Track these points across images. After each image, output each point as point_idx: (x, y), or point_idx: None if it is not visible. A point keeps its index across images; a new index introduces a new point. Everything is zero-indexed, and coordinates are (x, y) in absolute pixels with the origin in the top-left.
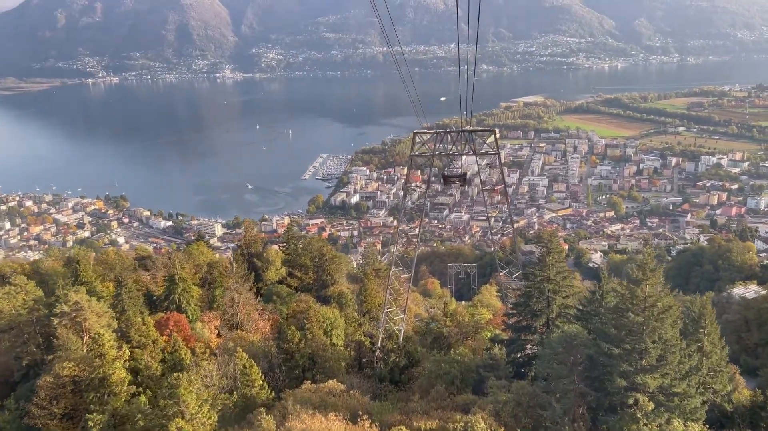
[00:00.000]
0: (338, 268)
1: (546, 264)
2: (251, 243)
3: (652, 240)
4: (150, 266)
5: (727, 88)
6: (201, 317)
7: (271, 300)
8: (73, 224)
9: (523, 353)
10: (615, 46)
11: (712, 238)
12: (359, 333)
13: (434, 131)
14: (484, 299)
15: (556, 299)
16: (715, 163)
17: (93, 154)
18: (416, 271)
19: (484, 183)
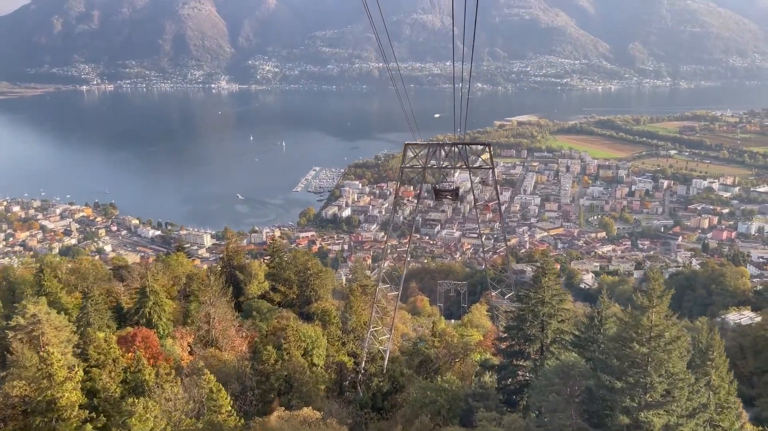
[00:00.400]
0: (323, 283)
1: (541, 285)
2: (234, 255)
3: (644, 262)
4: (125, 276)
5: (719, 113)
6: (173, 333)
7: (251, 315)
8: (60, 231)
9: (515, 380)
10: (609, 69)
11: (706, 262)
12: (343, 352)
13: (426, 143)
14: (474, 318)
15: (552, 323)
16: (706, 186)
17: (84, 161)
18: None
19: (477, 199)
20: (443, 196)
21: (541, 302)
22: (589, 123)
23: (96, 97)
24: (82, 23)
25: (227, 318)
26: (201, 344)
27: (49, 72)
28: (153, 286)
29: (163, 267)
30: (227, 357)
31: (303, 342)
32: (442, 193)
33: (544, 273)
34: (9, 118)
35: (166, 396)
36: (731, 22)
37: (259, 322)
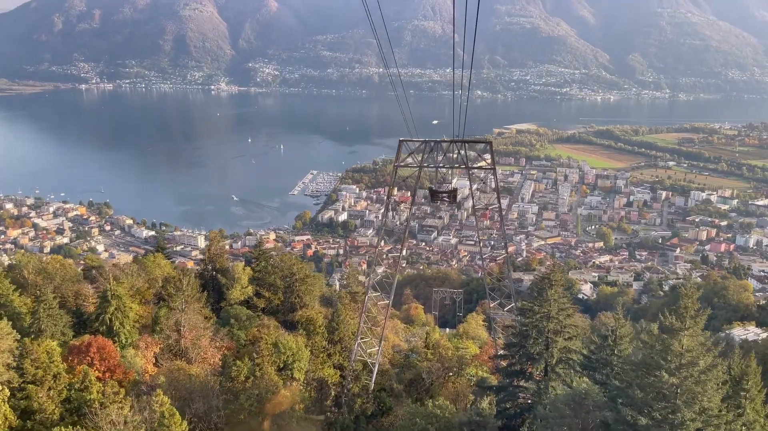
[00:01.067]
0: (309, 290)
1: (546, 298)
2: (216, 258)
3: (643, 273)
4: (96, 278)
5: (718, 125)
6: (137, 342)
7: (228, 323)
8: (52, 229)
9: (516, 403)
10: (608, 79)
11: (708, 275)
12: (328, 365)
13: (423, 140)
14: (470, 329)
15: (557, 341)
16: (704, 198)
17: (81, 159)
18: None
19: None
20: (440, 198)
21: (547, 317)
22: (588, 132)
23: (95, 96)
24: (83, 22)
25: (199, 327)
26: (169, 355)
27: (48, 70)
28: (115, 290)
29: (138, 268)
30: (195, 370)
31: (282, 355)
32: (438, 194)
33: (550, 285)
34: (7, 115)
35: (111, 419)
36: (731, 35)
37: (237, 331)
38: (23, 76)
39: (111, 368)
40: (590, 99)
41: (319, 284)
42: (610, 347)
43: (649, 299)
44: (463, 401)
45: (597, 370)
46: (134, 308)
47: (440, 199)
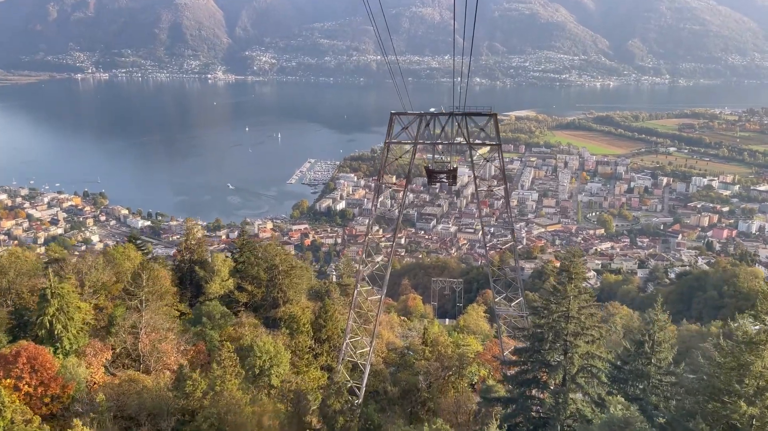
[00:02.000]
0: (294, 283)
1: (565, 294)
2: (194, 248)
3: (647, 260)
4: (58, 272)
5: (718, 111)
6: (84, 348)
7: (200, 322)
8: (46, 220)
9: (528, 417)
10: (608, 65)
11: (717, 262)
12: (315, 367)
13: (417, 113)
14: (471, 320)
15: (579, 346)
16: (706, 184)
17: (77, 149)
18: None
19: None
20: (438, 179)
21: (565, 317)
22: (588, 119)
23: (91, 86)
24: (78, 11)
25: (161, 328)
26: (127, 361)
27: (44, 60)
28: (57, 287)
29: (104, 261)
30: (150, 382)
31: (258, 359)
32: (436, 174)
33: (570, 278)
34: (2, 105)
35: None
36: (731, 20)
37: (210, 331)
38: (19, 66)
39: (45, 382)
40: (589, 85)
41: (307, 276)
42: (647, 355)
43: (655, 287)
44: (465, 414)
45: (629, 382)
46: (83, 307)
47: (438, 180)
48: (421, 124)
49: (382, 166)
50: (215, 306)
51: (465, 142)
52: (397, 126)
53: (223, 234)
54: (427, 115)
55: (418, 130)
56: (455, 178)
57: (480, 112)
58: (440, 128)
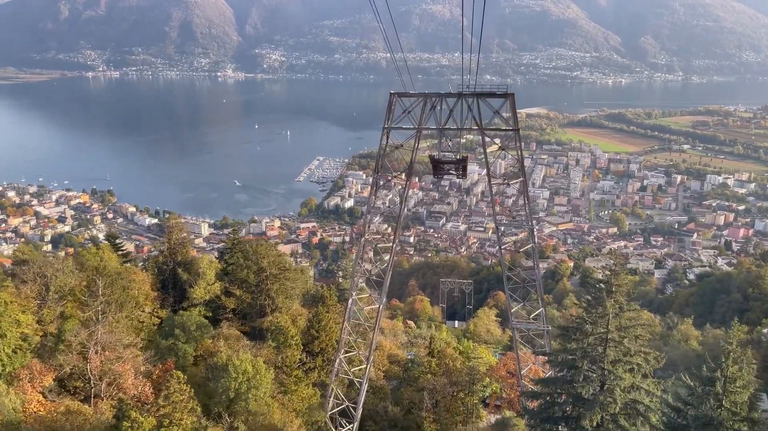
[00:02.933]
0: (284, 289)
1: (603, 311)
2: (178, 248)
3: (664, 260)
4: (18, 275)
5: (733, 108)
6: (19, 371)
7: (172, 335)
8: (54, 217)
9: None
10: (620, 62)
11: (740, 262)
12: (306, 383)
13: (422, 94)
14: (482, 325)
15: (622, 377)
16: (721, 182)
17: (87, 147)
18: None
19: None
20: (445, 171)
21: (602, 341)
22: (600, 116)
23: (102, 84)
24: (89, 9)
25: (118, 344)
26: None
27: (55, 58)
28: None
29: (74, 263)
30: (90, 414)
31: (234, 381)
32: (443, 165)
33: (610, 290)
34: (14, 103)
35: None
36: (745, 16)
37: (183, 345)
38: (30, 65)
39: None
40: (601, 82)
41: (303, 279)
42: (717, 396)
43: (674, 289)
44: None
45: None
46: (23, 321)
47: (445, 172)
48: (426, 106)
49: (380, 156)
50: (190, 315)
51: (476, 128)
52: (398, 109)
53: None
54: (432, 96)
55: (423, 113)
56: (465, 170)
57: (494, 92)
58: (448, 112)
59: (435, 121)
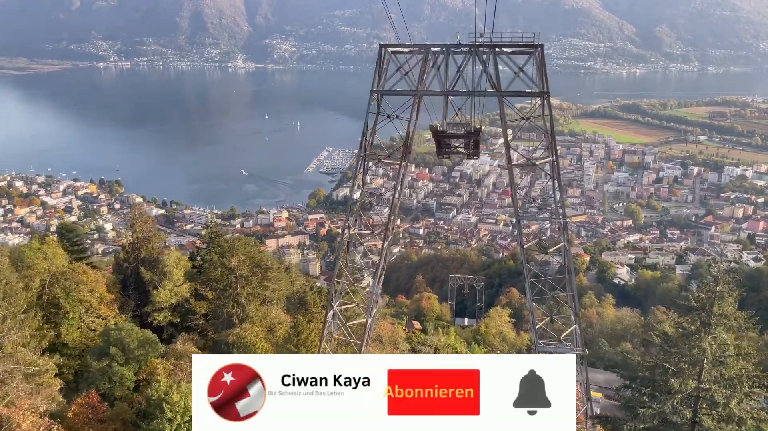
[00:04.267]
0: (257, 293)
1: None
2: (142, 243)
3: (686, 255)
4: None
5: (750, 98)
6: None
7: (106, 355)
8: (60, 207)
9: None
10: (634, 52)
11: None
12: None
13: (420, 45)
14: (493, 325)
15: None
16: (739, 174)
17: (97, 138)
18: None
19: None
20: (451, 148)
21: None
22: (614, 107)
23: (113, 74)
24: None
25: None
26: None
27: (66, 48)
28: None
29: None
30: None
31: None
32: (448, 139)
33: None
34: (25, 93)
35: None
36: (762, 5)
37: (120, 368)
38: (42, 55)
39: None
40: (615, 73)
41: (287, 280)
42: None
43: None
44: None
45: None
46: None
47: (452, 149)
48: (427, 63)
49: (368, 131)
50: (131, 329)
51: (493, 92)
52: (392, 68)
53: (237, 224)
54: (435, 50)
55: (423, 73)
56: (477, 146)
57: (517, 43)
58: (456, 71)
59: (439, 83)
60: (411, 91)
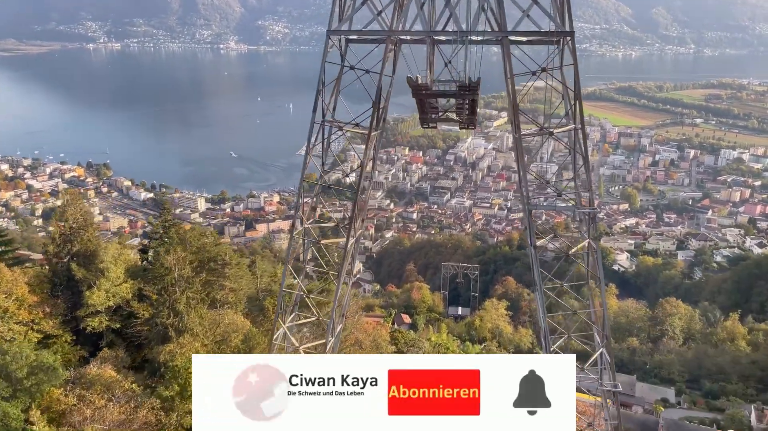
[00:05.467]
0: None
1: None
2: (75, 234)
3: (687, 240)
4: None
5: (746, 81)
6: None
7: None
8: (46, 191)
9: None
10: (630, 35)
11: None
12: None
13: None
14: (489, 318)
15: None
16: (736, 157)
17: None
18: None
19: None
20: (438, 111)
21: None
22: (609, 89)
23: (103, 56)
24: None
25: None
26: None
27: (56, 29)
28: None
29: None
30: None
31: None
32: (434, 98)
33: None
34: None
35: None
36: None
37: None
38: (31, 36)
39: None
40: (611, 55)
41: (248, 277)
42: None
43: (703, 273)
44: None
45: None
46: None
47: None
48: None
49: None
50: (18, 351)
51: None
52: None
53: (228, 207)
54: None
55: (398, 8)
56: (474, 110)
57: None
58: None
59: (422, 22)
60: (382, 31)
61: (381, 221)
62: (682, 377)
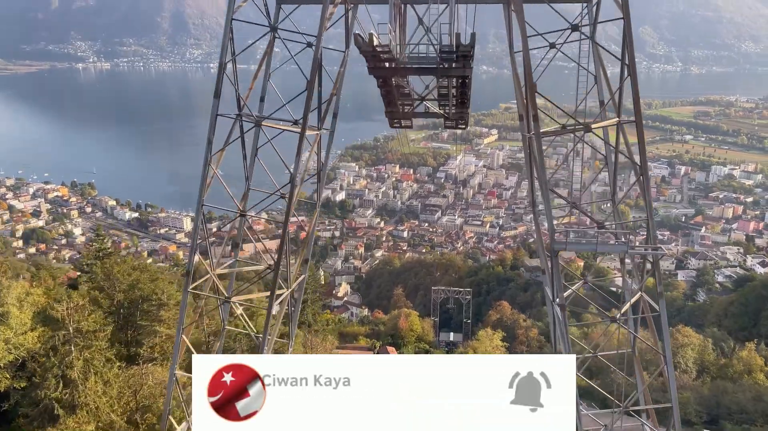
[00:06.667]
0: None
1: None
2: None
3: (686, 259)
4: None
5: (733, 98)
6: None
7: None
8: (28, 212)
9: None
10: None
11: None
12: None
13: None
14: (483, 351)
15: None
16: (726, 173)
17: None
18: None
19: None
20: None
21: None
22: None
23: (92, 75)
24: None
25: None
26: None
27: (45, 49)
28: None
29: None
30: None
31: None
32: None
33: None
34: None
35: None
36: (744, 6)
37: None
38: (20, 56)
39: None
40: None
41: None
42: None
43: (707, 295)
44: None
45: None
46: None
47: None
48: None
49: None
50: None
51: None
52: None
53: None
54: None
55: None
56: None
57: None
58: None
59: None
60: None
61: (371, 240)
62: (700, 418)
